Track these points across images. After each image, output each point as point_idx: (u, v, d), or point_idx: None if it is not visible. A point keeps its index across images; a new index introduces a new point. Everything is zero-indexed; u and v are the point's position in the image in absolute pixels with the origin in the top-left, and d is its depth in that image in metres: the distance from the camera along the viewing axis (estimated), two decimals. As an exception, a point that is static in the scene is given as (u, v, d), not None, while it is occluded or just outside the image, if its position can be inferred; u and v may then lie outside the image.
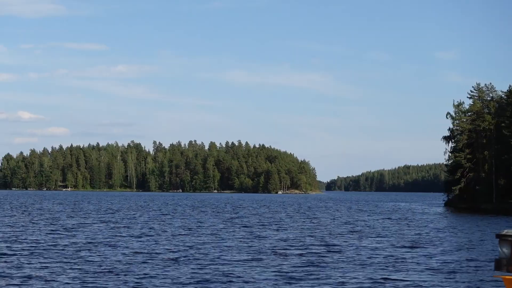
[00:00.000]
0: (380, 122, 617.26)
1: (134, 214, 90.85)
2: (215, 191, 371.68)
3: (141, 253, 39.75)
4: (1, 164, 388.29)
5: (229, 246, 44.38)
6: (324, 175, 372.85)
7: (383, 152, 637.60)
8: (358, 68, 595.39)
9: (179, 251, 41.09)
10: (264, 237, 52.39)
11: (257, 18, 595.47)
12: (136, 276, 30.61)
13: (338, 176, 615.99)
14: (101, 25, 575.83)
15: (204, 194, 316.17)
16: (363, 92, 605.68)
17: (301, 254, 40.04)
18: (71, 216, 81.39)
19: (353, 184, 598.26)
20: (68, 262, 34.97)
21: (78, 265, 34.09)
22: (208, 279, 30.10)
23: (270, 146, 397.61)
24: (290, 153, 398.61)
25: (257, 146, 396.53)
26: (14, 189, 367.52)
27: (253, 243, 46.78)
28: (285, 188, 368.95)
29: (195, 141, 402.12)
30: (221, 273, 31.88)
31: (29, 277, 30.17)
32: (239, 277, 30.72)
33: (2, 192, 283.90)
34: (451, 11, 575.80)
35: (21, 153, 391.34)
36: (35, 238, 48.60)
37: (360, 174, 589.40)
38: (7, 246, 42.46)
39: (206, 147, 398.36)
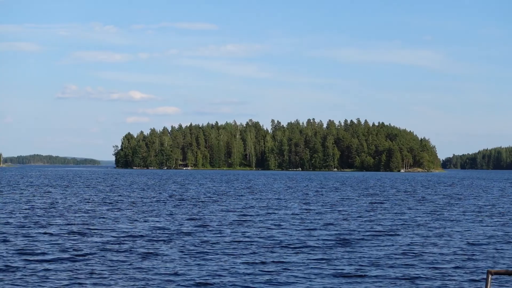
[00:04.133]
0: (496, 99, 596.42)
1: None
2: (335, 169, 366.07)
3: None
4: (122, 143, 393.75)
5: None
6: (438, 153, 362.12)
7: (499, 129, 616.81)
8: (472, 44, 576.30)
9: None
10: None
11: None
12: None
13: (454, 154, 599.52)
14: (211, 5, 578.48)
15: (325, 172, 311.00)
16: (477, 68, 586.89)
17: None
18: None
19: (469, 162, 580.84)
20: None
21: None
22: None
23: (389, 124, 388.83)
24: (410, 131, 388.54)
25: (376, 124, 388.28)
26: (135, 168, 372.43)
27: None
28: (407, 166, 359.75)
29: (313, 119, 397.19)
30: None
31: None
32: None
33: (131, 171, 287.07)
34: None
35: (141, 132, 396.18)
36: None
37: (476, 152, 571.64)
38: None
39: (325, 125, 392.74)
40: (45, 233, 35.68)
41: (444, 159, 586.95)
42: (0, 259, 27.12)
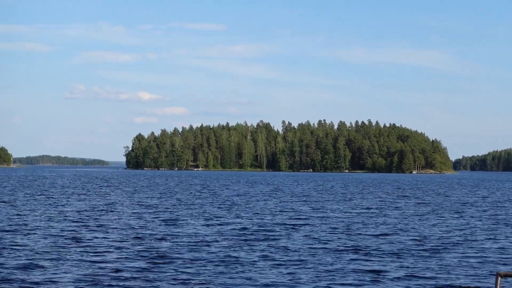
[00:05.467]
0: (505, 100, 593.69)
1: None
2: (346, 170, 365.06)
3: None
4: (133, 144, 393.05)
5: None
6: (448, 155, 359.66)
7: (509, 130, 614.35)
8: (480, 44, 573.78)
9: None
10: None
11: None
12: None
13: (463, 156, 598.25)
14: (219, 5, 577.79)
15: (336, 174, 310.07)
16: (486, 69, 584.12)
17: None
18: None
19: (479, 164, 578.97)
20: None
21: None
22: None
23: (400, 125, 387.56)
24: (421, 132, 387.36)
25: (387, 125, 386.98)
26: (146, 169, 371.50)
27: None
28: (419, 168, 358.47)
29: (324, 120, 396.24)
30: None
31: None
32: None
33: (146, 172, 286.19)
34: None
35: (152, 133, 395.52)
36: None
37: (486, 153, 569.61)
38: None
39: (335, 127, 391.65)
40: (108, 239, 34.69)
41: (453, 161, 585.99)
42: (78, 265, 26.24)
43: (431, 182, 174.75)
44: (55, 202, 63.57)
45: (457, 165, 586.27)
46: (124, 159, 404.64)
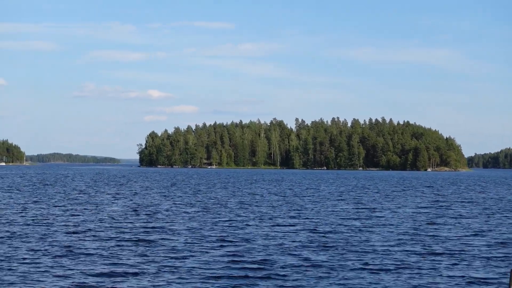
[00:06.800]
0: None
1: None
2: (360, 168, 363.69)
3: None
4: (146, 141, 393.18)
5: None
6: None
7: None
8: (487, 43, 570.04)
9: None
10: None
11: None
12: None
13: (476, 153, 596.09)
14: (228, 4, 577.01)
15: (350, 171, 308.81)
16: (494, 68, 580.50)
17: None
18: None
19: (491, 161, 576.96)
20: None
21: None
22: None
23: (415, 122, 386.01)
24: (435, 129, 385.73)
25: (401, 123, 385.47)
26: (159, 166, 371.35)
27: None
28: (434, 165, 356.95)
29: (338, 118, 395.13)
30: None
31: None
32: None
33: (167, 170, 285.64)
34: None
35: (166, 131, 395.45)
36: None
37: (499, 151, 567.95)
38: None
39: (349, 124, 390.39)
40: (179, 241, 33.92)
41: (466, 158, 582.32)
42: (162, 270, 25.52)
43: (459, 180, 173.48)
44: (107, 204, 62.86)
45: (470, 162, 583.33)
46: (135, 157, 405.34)
